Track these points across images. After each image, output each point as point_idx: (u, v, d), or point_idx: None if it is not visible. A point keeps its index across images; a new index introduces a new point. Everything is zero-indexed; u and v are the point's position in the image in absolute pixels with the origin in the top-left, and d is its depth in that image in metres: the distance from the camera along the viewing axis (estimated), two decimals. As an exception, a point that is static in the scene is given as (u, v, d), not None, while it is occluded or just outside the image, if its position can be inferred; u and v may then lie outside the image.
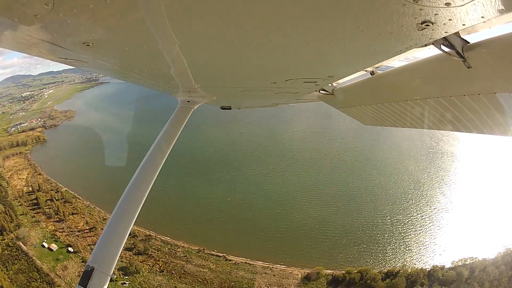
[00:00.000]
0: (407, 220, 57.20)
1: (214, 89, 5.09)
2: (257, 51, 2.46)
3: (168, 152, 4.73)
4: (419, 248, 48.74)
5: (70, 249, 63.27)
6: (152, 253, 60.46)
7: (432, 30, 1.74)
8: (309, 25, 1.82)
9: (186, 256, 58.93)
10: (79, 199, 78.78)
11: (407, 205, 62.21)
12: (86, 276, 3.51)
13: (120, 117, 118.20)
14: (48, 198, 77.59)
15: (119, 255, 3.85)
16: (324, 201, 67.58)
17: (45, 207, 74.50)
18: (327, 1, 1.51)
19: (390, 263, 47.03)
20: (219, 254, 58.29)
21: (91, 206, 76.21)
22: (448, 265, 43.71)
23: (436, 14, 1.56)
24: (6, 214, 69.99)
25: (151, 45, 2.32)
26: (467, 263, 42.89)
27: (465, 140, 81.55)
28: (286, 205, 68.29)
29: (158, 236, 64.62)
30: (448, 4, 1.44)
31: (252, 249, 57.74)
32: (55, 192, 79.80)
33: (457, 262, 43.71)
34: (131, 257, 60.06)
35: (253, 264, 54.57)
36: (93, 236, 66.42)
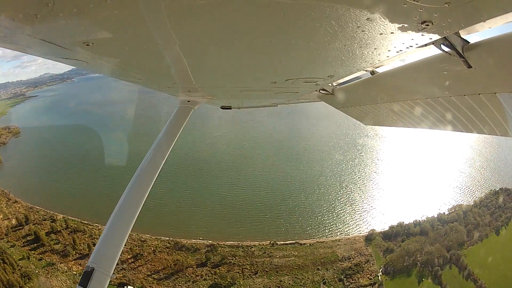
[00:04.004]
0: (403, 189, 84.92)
1: (214, 89, 5.20)
2: (257, 51, 2.53)
3: (168, 152, 4.86)
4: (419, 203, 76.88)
5: (130, 288, 53.30)
6: (231, 261, 60.05)
7: (432, 30, 1.77)
8: (309, 25, 1.85)
9: (264, 252, 62.69)
10: (90, 225, 62.83)
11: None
12: (86, 276, 3.56)
13: (68, 128, 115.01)
14: (47, 230, 57.70)
15: (119, 256, 3.93)
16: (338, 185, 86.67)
17: (52, 243, 55.71)
18: (327, 1, 1.54)
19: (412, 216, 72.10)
20: (291, 242, 66.56)
21: (114, 230, 63.19)
22: (446, 212, 69.82)
23: (436, 14, 1.58)
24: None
25: (151, 45, 2.39)
26: (457, 209, 69.89)
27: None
28: (308, 193, 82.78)
29: (221, 243, 64.29)
30: (448, 4, 1.45)
31: (310, 231, 69.87)
32: (52, 222, 59.96)
33: (451, 208, 70.17)
34: (210, 271, 58.10)
35: (324, 241, 66.89)
36: (145, 264, 57.62)
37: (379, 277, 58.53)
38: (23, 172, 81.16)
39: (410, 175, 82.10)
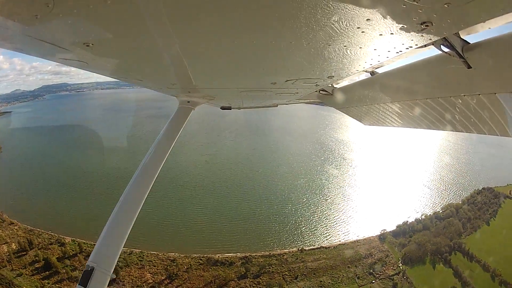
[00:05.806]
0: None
1: (214, 90, 5.23)
2: (257, 52, 2.53)
3: (168, 152, 4.89)
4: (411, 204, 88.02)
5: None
6: (269, 269, 60.40)
7: (432, 30, 1.77)
8: (308, 26, 1.84)
9: (297, 259, 63.91)
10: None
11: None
12: (86, 276, 3.53)
13: (50, 143, 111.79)
14: (58, 255, 48.25)
15: (119, 254, 3.93)
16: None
17: (69, 270, 46.73)
18: (327, 2, 1.54)
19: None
20: (317, 247, 69.16)
21: (136, 251, 56.61)
22: (440, 210, 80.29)
23: (436, 15, 1.58)
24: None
25: (151, 45, 2.39)
26: (449, 207, 79.90)
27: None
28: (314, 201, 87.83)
29: (253, 254, 64.00)
30: (447, 5, 1.46)
31: (331, 238, 73.70)
32: (60, 246, 50.45)
33: (444, 207, 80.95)
34: (253, 282, 57.69)
35: (344, 244, 71.06)
36: (183, 283, 52.98)
37: (401, 267, 65.00)
38: (13, 190, 70.34)
39: (400, 183, 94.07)
